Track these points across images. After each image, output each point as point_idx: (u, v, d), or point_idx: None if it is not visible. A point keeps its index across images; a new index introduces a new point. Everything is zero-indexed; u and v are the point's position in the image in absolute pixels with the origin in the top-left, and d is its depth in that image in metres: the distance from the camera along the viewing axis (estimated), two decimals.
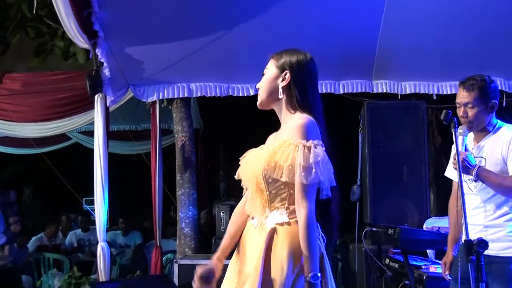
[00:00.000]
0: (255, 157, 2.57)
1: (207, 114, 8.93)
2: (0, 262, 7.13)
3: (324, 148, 2.45)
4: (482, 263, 2.88)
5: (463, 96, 3.49)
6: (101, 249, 5.67)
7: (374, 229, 5.18)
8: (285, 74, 2.59)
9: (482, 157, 3.46)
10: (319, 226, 2.50)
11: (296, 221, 2.42)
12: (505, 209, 3.40)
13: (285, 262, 2.39)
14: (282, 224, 2.46)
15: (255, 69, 2.78)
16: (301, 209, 2.39)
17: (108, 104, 5.90)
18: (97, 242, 5.76)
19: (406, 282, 4.65)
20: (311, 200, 2.40)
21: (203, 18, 5.39)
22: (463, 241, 2.97)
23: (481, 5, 5.26)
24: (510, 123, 3.57)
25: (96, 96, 5.75)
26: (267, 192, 2.49)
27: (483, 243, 2.87)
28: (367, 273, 5.54)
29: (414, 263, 4.63)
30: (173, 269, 5.58)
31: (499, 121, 3.56)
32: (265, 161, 2.46)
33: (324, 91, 6.05)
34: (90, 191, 6.87)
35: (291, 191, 2.44)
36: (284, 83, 2.59)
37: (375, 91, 6.24)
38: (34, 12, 5.61)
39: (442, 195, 7.31)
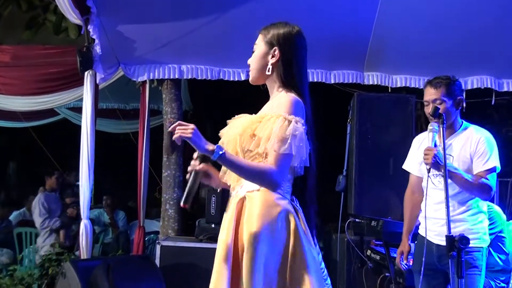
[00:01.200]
0: (236, 124, 2.58)
1: (196, 95, 8.91)
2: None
3: (305, 127, 2.44)
4: (462, 259, 2.92)
5: (431, 94, 3.67)
6: (84, 227, 5.66)
7: (357, 220, 5.21)
8: (274, 51, 2.58)
9: (450, 154, 3.55)
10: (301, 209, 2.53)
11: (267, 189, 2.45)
12: (468, 204, 3.56)
13: (254, 229, 2.39)
14: (252, 191, 2.48)
15: (247, 54, 2.76)
16: (268, 167, 2.39)
17: (97, 82, 5.86)
18: (80, 219, 5.74)
19: (387, 274, 4.69)
20: (280, 168, 2.38)
21: (198, 0, 5.36)
22: (445, 236, 3.01)
23: (474, 3, 5.27)
24: (502, 121, 3.68)
25: (86, 73, 5.71)
26: None
27: (464, 239, 2.91)
28: (348, 263, 5.58)
29: (395, 255, 4.65)
30: (155, 250, 5.58)
31: (464, 121, 3.72)
32: (241, 129, 2.48)
33: (315, 80, 6.05)
34: (75, 168, 6.86)
35: (264, 162, 2.44)
36: (274, 59, 2.59)
37: (366, 82, 6.25)
38: None
39: None
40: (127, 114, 9.21)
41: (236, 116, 2.67)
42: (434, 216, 3.54)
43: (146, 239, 6.90)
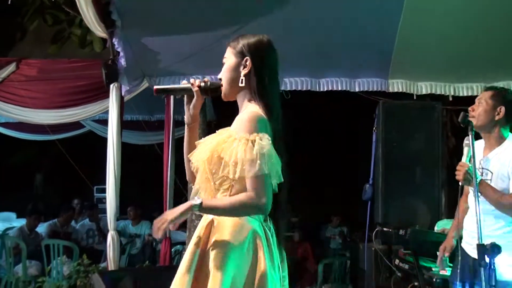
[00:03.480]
0: (204, 145, 2.51)
1: (220, 107, 8.92)
2: None
3: (270, 141, 2.34)
4: (494, 267, 2.87)
5: (480, 95, 3.60)
6: (111, 238, 5.69)
7: (384, 229, 5.16)
8: (246, 61, 2.50)
9: (488, 170, 3.46)
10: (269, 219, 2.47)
11: None
12: (502, 222, 3.42)
13: (221, 253, 2.34)
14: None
15: None
16: (250, 196, 2.31)
17: (123, 94, 5.91)
18: (106, 231, 5.78)
19: (415, 283, 4.64)
20: (259, 194, 2.30)
21: (220, 11, 5.38)
22: (476, 245, 2.96)
23: (501, 8, 5.21)
24: None
25: (111, 85, 5.77)
26: (212, 183, 2.43)
27: (496, 248, 2.85)
28: (376, 273, 5.53)
29: (424, 264, 4.61)
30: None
31: (511, 134, 3.55)
32: (209, 152, 2.41)
33: (339, 89, 6.03)
34: (101, 180, 6.90)
35: (232, 183, 2.38)
36: (246, 70, 2.49)
37: (390, 90, 6.21)
38: None
39: (454, 197, 7.25)
40: (152, 125, 9.27)
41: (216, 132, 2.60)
42: (471, 229, 3.42)
43: (172, 250, 6.91)
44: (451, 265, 3.92)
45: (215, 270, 2.32)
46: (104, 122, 7.64)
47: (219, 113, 9.07)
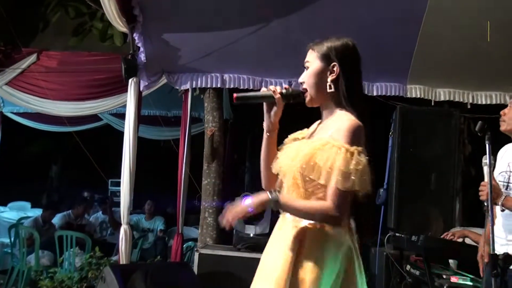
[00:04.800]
0: (294, 151, 2.42)
1: (237, 105, 8.94)
2: None
3: (367, 157, 2.31)
4: (506, 278, 2.85)
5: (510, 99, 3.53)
6: (124, 232, 5.72)
7: (397, 234, 5.15)
8: (333, 66, 2.43)
9: (511, 171, 3.44)
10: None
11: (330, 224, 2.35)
12: None
13: (313, 265, 2.29)
14: (314, 225, 2.36)
15: (290, 65, 2.72)
16: (327, 205, 2.27)
17: (141, 89, 5.94)
18: (119, 225, 5.81)
19: None
20: (341, 207, 2.28)
21: (241, 10, 5.39)
22: (489, 255, 2.94)
23: None
24: None
25: (130, 80, 5.80)
26: (303, 189, 2.37)
27: (509, 258, 2.83)
28: (387, 278, 5.50)
29: (435, 271, 4.59)
30: (193, 258, 5.61)
31: None
32: (303, 159, 2.33)
33: None
34: (116, 173, 6.94)
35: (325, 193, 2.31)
36: (333, 76, 2.42)
37: (408, 95, 6.19)
38: None
39: (468, 205, 7.23)
40: (168, 121, 9.31)
41: (289, 137, 2.57)
42: (495, 234, 3.40)
43: (184, 246, 6.94)
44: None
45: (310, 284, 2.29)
46: (121, 116, 7.69)
47: (236, 112, 9.12)
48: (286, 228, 2.42)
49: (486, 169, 3.27)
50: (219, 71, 6.15)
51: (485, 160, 3.29)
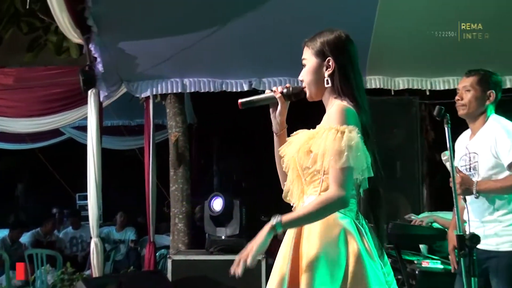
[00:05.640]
0: (293, 142, 2.46)
1: (200, 109, 8.93)
2: None
3: (359, 135, 2.30)
4: (474, 257, 2.89)
5: (462, 82, 3.59)
6: (94, 245, 5.67)
7: None
8: (328, 61, 2.45)
9: (475, 153, 3.49)
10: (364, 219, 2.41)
11: None
12: (498, 204, 3.42)
13: (313, 251, 2.27)
14: None
15: (249, 65, 2.75)
16: (329, 190, 2.28)
17: (101, 100, 5.89)
18: (89, 238, 5.75)
19: (399, 277, 4.66)
20: (343, 186, 2.25)
21: (196, 13, 5.38)
22: (455, 235, 2.99)
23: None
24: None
25: (89, 92, 5.75)
26: (303, 179, 2.40)
27: (475, 238, 2.88)
28: None
29: (407, 257, 4.64)
30: (167, 265, 5.58)
31: (494, 115, 3.57)
32: (298, 146, 2.39)
33: None
34: (83, 187, 6.87)
35: (323, 177, 2.33)
36: (330, 71, 2.45)
37: (368, 86, 6.24)
38: (27, 6, 5.59)
39: (435, 190, 7.34)
40: (132, 130, 9.25)
41: (295, 132, 2.55)
42: (472, 219, 3.43)
43: (157, 254, 6.90)
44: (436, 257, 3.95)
45: (306, 273, 2.26)
46: (83, 128, 7.60)
47: (199, 116, 9.09)
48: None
49: (448, 165, 3.29)
50: (179, 76, 6.13)
51: (444, 157, 3.34)
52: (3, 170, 13.58)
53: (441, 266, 4.36)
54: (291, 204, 2.53)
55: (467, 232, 3.21)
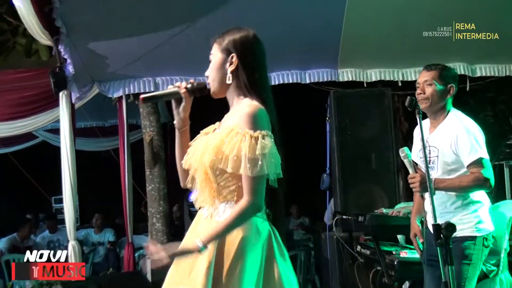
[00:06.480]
0: (203, 145, 2.42)
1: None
2: None
3: (272, 139, 2.33)
4: (450, 246, 2.92)
5: (423, 76, 3.61)
6: (72, 248, 5.62)
7: (344, 217, 5.22)
8: (232, 58, 2.45)
9: (435, 147, 3.53)
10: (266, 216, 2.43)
11: None
12: (453, 198, 3.50)
13: (235, 257, 2.31)
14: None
15: None
16: (243, 200, 2.30)
17: (73, 101, 5.84)
18: (67, 241, 5.70)
19: (378, 268, 4.70)
20: (257, 193, 2.31)
21: (166, 11, 5.35)
22: (431, 225, 3.01)
23: None
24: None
25: (60, 93, 5.69)
26: (216, 184, 2.38)
27: (450, 227, 2.91)
28: (339, 261, 5.59)
29: (385, 248, 4.67)
30: (146, 265, 5.55)
31: (453, 109, 3.62)
32: (213, 152, 2.34)
33: (290, 81, 6.06)
34: (58, 190, 6.79)
35: (239, 184, 2.34)
36: (232, 67, 2.44)
37: (340, 79, 6.27)
38: None
39: None
40: (106, 131, 9.17)
41: (201, 132, 2.56)
42: (429, 209, 3.51)
43: (136, 255, 6.86)
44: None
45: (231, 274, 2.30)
46: (56, 131, 7.52)
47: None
48: (205, 224, 2.42)
49: (406, 162, 3.35)
50: (151, 75, 6.09)
51: (403, 153, 3.37)
52: None
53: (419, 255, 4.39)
54: (198, 208, 2.51)
55: (429, 223, 3.29)
